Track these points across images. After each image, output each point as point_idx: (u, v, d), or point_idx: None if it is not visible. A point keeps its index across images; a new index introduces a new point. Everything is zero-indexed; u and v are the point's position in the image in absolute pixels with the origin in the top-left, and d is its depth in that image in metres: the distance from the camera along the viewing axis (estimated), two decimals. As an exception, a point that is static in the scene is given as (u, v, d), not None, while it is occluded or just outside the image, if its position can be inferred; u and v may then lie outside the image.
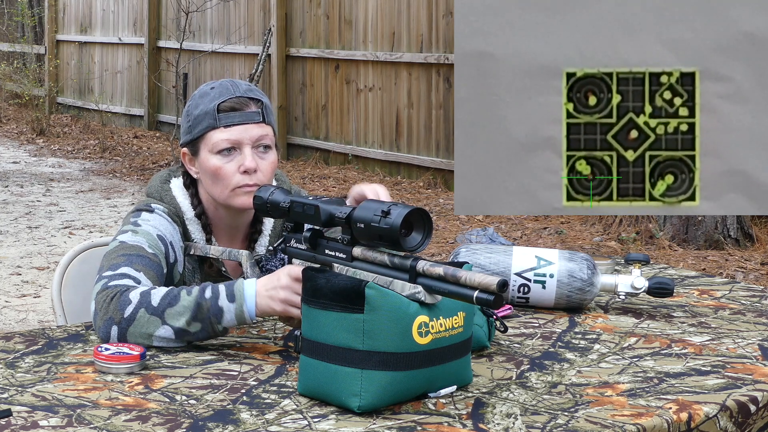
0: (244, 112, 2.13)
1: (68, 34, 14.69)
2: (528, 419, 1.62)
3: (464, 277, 1.56)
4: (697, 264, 6.23)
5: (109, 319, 1.92)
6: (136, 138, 12.41)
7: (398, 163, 9.50)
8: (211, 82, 2.21)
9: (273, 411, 1.63)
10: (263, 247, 2.23)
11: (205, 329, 1.92)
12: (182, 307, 1.90)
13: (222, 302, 1.90)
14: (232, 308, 1.90)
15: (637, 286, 2.29)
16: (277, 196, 1.90)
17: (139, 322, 1.90)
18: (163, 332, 1.91)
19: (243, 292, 1.90)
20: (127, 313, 1.91)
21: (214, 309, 1.90)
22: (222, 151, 2.12)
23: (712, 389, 1.78)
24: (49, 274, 6.13)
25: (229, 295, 1.90)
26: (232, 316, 1.90)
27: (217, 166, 2.13)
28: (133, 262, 2.03)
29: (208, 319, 1.90)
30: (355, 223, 1.69)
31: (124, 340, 1.91)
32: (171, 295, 1.92)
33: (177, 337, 1.92)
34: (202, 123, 2.14)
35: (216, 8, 11.50)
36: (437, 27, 9.06)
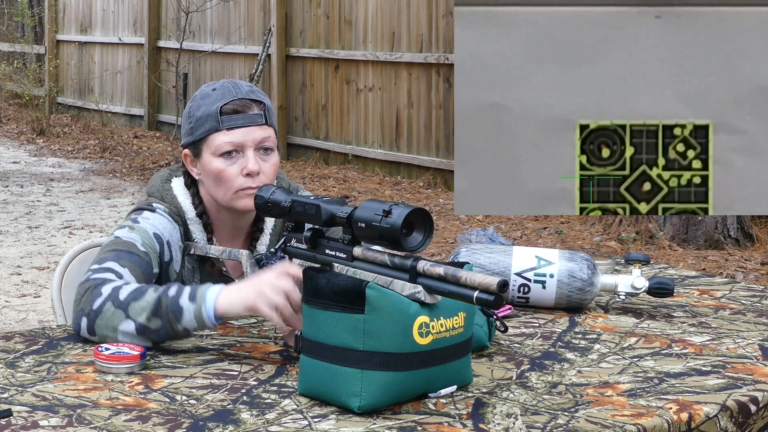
0: (246, 114, 2.13)
1: (68, 34, 14.69)
2: (528, 419, 1.62)
3: (464, 278, 1.56)
4: (697, 264, 6.23)
5: (80, 310, 1.92)
6: (136, 138, 12.41)
7: (398, 163, 9.50)
8: (212, 83, 2.20)
9: (273, 411, 1.63)
10: (264, 245, 2.23)
11: (165, 327, 1.88)
12: (145, 302, 1.88)
13: (183, 301, 1.87)
14: (192, 308, 1.86)
15: (637, 286, 2.29)
16: (278, 196, 1.90)
17: (105, 314, 1.89)
18: (125, 326, 1.88)
19: (205, 293, 1.87)
20: (96, 305, 1.90)
21: (174, 307, 1.87)
22: (224, 154, 2.12)
23: (712, 389, 1.78)
24: (49, 274, 6.13)
25: (191, 295, 1.87)
26: (191, 315, 1.86)
27: (220, 169, 2.13)
28: (121, 258, 2.02)
29: (167, 317, 1.87)
30: (356, 223, 1.69)
31: (93, 332, 1.90)
32: (139, 290, 1.90)
33: (138, 333, 1.88)
34: (204, 125, 2.13)
35: (216, 8, 11.50)
36: (437, 27, 9.06)
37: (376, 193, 8.71)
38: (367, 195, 8.63)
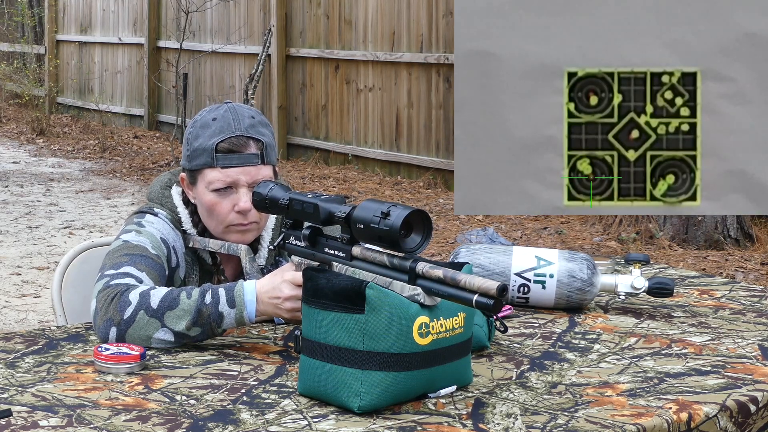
0: (242, 154, 2.10)
1: (68, 34, 14.69)
2: (528, 419, 1.62)
3: (464, 281, 1.56)
4: (697, 264, 6.23)
5: (108, 320, 1.92)
6: (136, 138, 12.41)
7: (398, 163, 9.50)
8: (215, 107, 2.16)
9: (273, 411, 1.63)
10: (263, 258, 2.23)
11: (204, 332, 1.93)
12: (182, 311, 1.91)
13: (222, 308, 1.91)
14: (233, 313, 1.91)
15: (637, 286, 2.29)
16: (276, 193, 1.90)
17: (138, 324, 1.91)
18: (162, 335, 1.91)
19: (243, 297, 1.91)
20: (127, 314, 1.91)
21: (215, 315, 1.91)
22: (217, 190, 2.12)
23: (712, 389, 1.78)
24: (49, 274, 6.13)
25: (230, 300, 1.91)
26: (232, 320, 1.92)
27: (213, 202, 2.12)
28: (136, 262, 2.03)
29: (209, 324, 1.92)
30: (355, 224, 1.69)
31: (122, 341, 1.92)
32: (170, 297, 1.92)
33: (176, 340, 1.93)
34: (199, 158, 2.12)
35: (216, 8, 11.50)
36: (437, 27, 9.06)
37: (376, 193, 8.71)
38: (367, 195, 8.63)
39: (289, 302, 1.89)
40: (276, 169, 2.18)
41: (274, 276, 1.92)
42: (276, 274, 1.92)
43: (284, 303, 1.90)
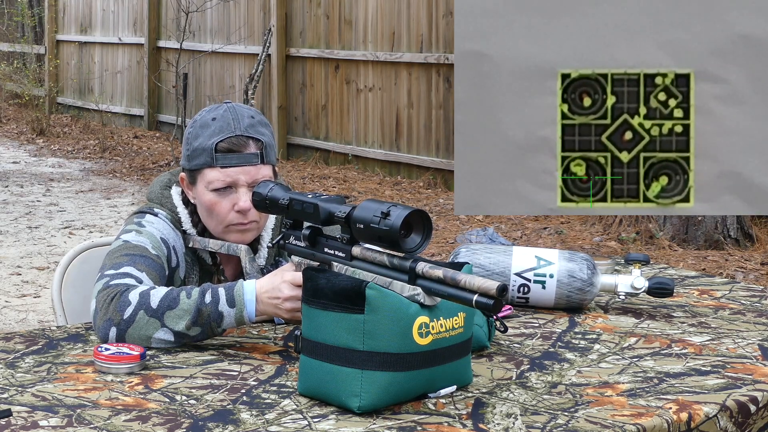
0: (242, 153, 2.11)
1: (68, 34, 14.69)
2: (528, 419, 1.62)
3: (464, 281, 1.56)
4: (697, 264, 6.23)
5: (108, 320, 1.92)
6: (136, 138, 12.41)
7: (398, 163, 9.50)
8: (214, 107, 2.16)
9: (273, 411, 1.63)
10: (263, 258, 2.23)
11: (204, 332, 1.93)
12: (182, 310, 1.91)
13: (222, 307, 1.91)
14: (232, 313, 1.92)
15: (637, 286, 2.29)
16: (276, 193, 1.90)
17: (138, 324, 1.91)
18: (162, 335, 1.92)
19: (243, 296, 1.92)
20: (127, 314, 1.91)
21: (215, 315, 1.91)
22: (217, 189, 2.12)
23: (712, 389, 1.78)
24: (49, 274, 6.13)
25: (229, 300, 1.91)
26: (232, 320, 1.92)
27: (212, 202, 2.13)
28: (136, 262, 2.03)
29: (208, 324, 1.92)
30: (355, 224, 1.69)
31: (122, 341, 1.92)
32: (170, 297, 1.92)
33: (176, 340, 1.93)
34: (199, 158, 2.12)
35: (216, 8, 11.50)
36: (437, 27, 9.06)
37: (376, 194, 8.71)
38: (367, 195, 8.63)
39: (288, 302, 1.89)
40: (276, 169, 2.18)
41: (274, 276, 1.92)
42: (276, 275, 1.92)
43: (284, 303, 1.90)
